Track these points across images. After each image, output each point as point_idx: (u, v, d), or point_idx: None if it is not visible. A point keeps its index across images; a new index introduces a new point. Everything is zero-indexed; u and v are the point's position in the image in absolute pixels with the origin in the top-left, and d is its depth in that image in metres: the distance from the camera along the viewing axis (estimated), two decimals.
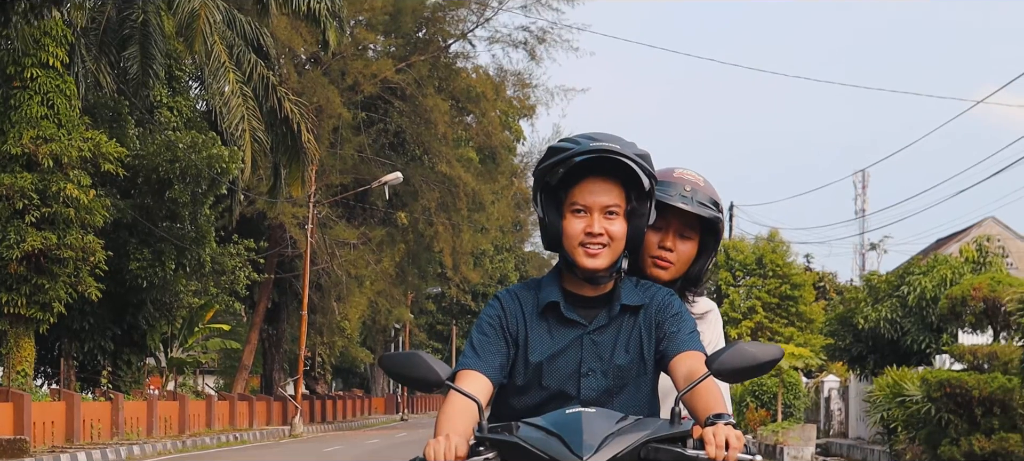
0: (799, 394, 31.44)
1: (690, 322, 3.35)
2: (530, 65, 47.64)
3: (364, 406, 56.64)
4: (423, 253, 47.82)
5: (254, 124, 29.67)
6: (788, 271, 35.97)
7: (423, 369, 3.09)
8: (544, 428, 2.91)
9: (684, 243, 3.73)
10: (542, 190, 3.33)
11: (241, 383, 39.09)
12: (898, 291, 24.46)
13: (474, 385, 3.19)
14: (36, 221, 23.40)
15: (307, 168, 32.51)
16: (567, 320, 3.33)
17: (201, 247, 28.54)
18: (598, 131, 3.31)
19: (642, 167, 3.24)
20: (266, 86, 31.02)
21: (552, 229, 3.32)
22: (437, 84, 42.24)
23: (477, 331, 3.36)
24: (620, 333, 3.34)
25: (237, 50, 31.04)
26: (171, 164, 27.10)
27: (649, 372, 3.36)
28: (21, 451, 19.22)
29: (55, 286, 23.69)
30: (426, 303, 61.76)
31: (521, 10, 42.95)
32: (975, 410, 14.54)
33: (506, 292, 3.44)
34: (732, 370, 3.03)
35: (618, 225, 3.28)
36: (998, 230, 59.92)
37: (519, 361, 3.35)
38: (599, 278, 3.30)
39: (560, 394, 3.30)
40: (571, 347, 3.32)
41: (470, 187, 42.36)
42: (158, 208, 28.01)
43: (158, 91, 29.65)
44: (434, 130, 41.43)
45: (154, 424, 28.04)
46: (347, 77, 39.40)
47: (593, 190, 3.27)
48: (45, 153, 23.52)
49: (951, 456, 14.71)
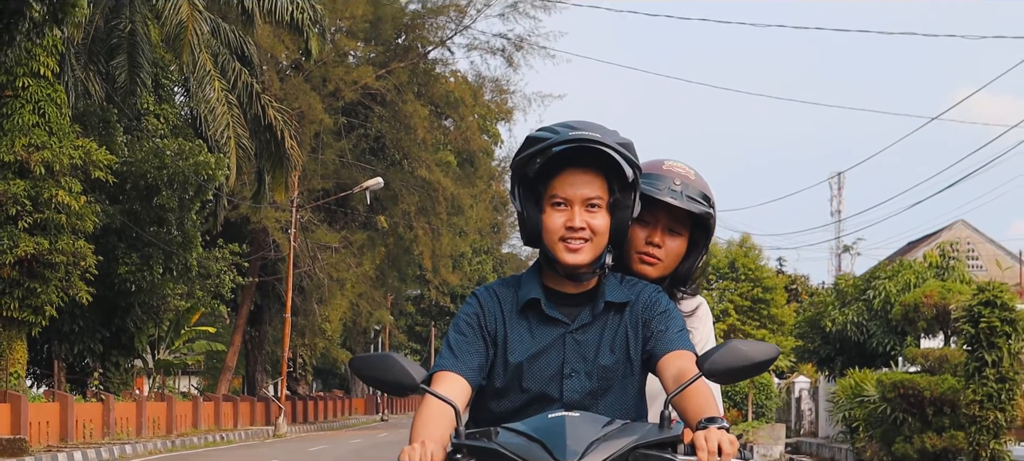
0: (771, 394, 32.32)
1: (679, 320, 3.22)
2: (508, 71, 48.48)
3: (344, 407, 57.34)
4: (403, 256, 48.59)
5: (239, 131, 30.38)
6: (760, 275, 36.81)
7: (397, 372, 2.94)
8: (525, 433, 2.76)
9: (673, 239, 3.58)
10: (520, 182, 3.19)
11: (225, 384, 39.79)
12: (864, 295, 25.36)
13: (451, 388, 3.05)
14: (28, 227, 23.96)
15: (290, 174, 33.24)
16: (549, 318, 3.19)
17: (188, 252, 29.19)
18: (578, 119, 3.18)
19: (625, 157, 3.10)
20: (250, 94, 31.73)
21: (531, 224, 3.18)
22: (416, 90, 43.04)
23: (454, 330, 3.21)
24: (605, 332, 3.20)
25: (222, 58, 31.74)
26: (159, 171, 27.73)
27: (636, 373, 3.22)
28: (21, 450, 19.94)
29: (47, 290, 24.25)
30: (405, 305, 62.52)
31: (499, 18, 43.86)
32: (927, 410, 15.47)
33: (484, 289, 3.30)
34: (725, 370, 2.90)
35: (601, 218, 3.14)
36: (967, 233, 61.20)
37: (498, 362, 3.20)
38: (582, 274, 3.17)
39: (541, 397, 3.16)
40: (553, 347, 3.17)
41: (449, 191, 43.19)
42: (146, 213, 28.62)
43: (145, 99, 30.29)
44: (414, 135, 42.23)
45: (143, 424, 28.75)
46: (328, 84, 40.12)
47: (573, 182, 3.14)
48: (37, 160, 24.08)
49: (905, 453, 15.64)
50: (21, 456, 19.73)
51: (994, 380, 13.16)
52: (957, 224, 60.53)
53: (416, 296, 61.47)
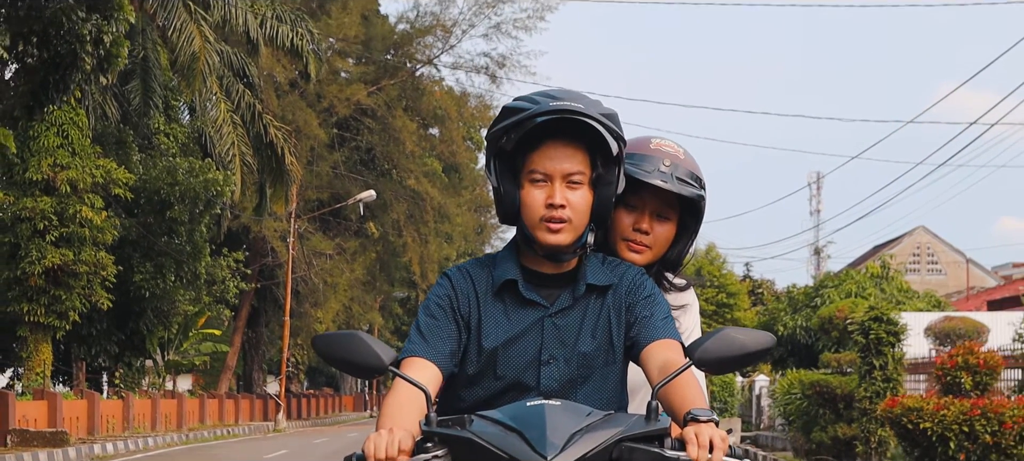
0: (733, 392, 35.02)
1: (664, 306, 3.01)
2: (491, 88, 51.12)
3: (335, 404, 59.95)
4: (392, 260, 51.20)
5: (243, 149, 32.70)
6: (724, 281, 39.60)
7: (363, 353, 2.71)
8: (502, 422, 2.55)
9: (661, 225, 3.34)
10: (496, 156, 2.96)
11: (225, 383, 42.46)
12: (813, 302, 28.05)
13: (420, 374, 2.83)
14: (55, 240, 25.70)
15: (290, 187, 35.72)
16: (526, 301, 2.98)
17: (197, 261, 31.55)
18: (558, 88, 2.98)
19: (610, 128, 2.88)
20: (252, 113, 34.06)
21: (508, 200, 2.96)
22: (405, 105, 45.69)
23: (424, 313, 2.99)
24: (586, 316, 2.98)
25: (226, 81, 34.03)
26: (172, 187, 29.92)
27: (618, 361, 3.01)
28: (62, 441, 22.47)
29: (71, 297, 26.09)
30: (394, 306, 65.12)
31: (483, 38, 46.49)
32: (838, 404, 18.30)
33: (456, 269, 3.07)
34: (717, 359, 2.69)
35: (582, 195, 2.92)
36: (928, 239, 63.94)
37: (471, 347, 2.98)
38: (562, 254, 2.95)
39: (517, 384, 2.96)
40: (530, 331, 2.97)
41: (436, 201, 45.84)
42: (159, 226, 30.74)
43: (156, 119, 32.67)
44: (402, 148, 44.84)
45: (158, 419, 31.35)
46: (323, 100, 42.65)
47: (554, 155, 2.91)
48: (62, 179, 25.77)
49: (821, 440, 18.51)
50: (64, 446, 22.34)
51: (881, 380, 16.10)
52: (918, 230, 63.22)
53: (403, 298, 64.08)
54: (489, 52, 47.47)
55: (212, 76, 31.18)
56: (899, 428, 12.93)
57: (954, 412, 12.31)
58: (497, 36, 45.94)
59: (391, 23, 46.63)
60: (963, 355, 12.96)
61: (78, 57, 19.62)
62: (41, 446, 21.97)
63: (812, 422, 18.77)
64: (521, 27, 45.18)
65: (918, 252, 63.38)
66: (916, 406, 12.66)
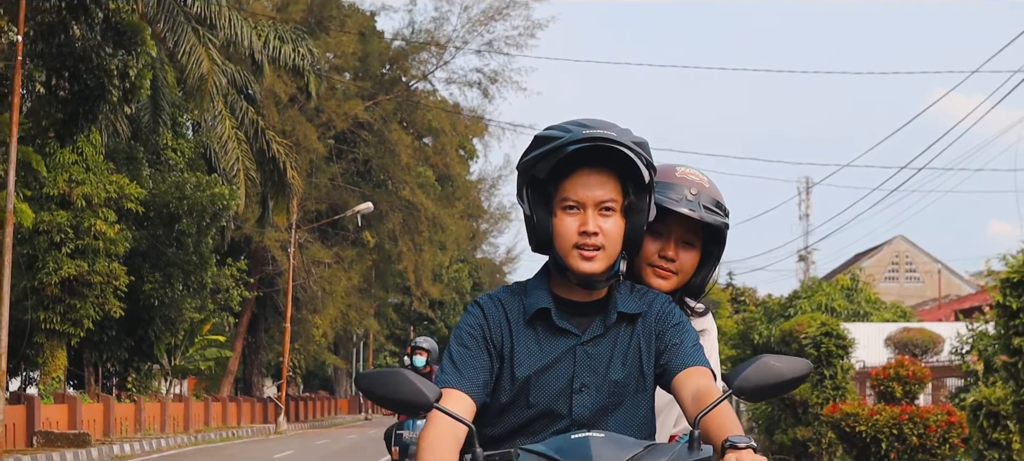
0: None
1: (693, 333, 3.02)
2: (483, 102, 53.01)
3: (331, 407, 61.58)
4: (387, 268, 52.87)
5: (247, 164, 34.22)
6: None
7: (407, 390, 2.75)
8: (547, 456, 2.56)
9: (687, 252, 3.39)
10: (528, 184, 2.99)
11: (227, 387, 44.22)
12: (786, 312, 29.63)
13: (456, 407, 2.84)
14: (71, 252, 26.84)
15: (291, 200, 37.32)
16: (558, 329, 2.98)
17: (203, 271, 32.97)
18: (589, 117, 2.98)
19: (641, 156, 2.91)
20: (256, 129, 35.61)
21: (541, 228, 2.98)
22: (400, 119, 47.45)
23: (457, 342, 3.00)
24: (617, 344, 2.99)
25: (231, 98, 35.57)
26: (180, 201, 31.22)
27: (648, 388, 3.02)
28: (85, 442, 24.11)
29: (85, 305, 27.22)
30: (388, 312, 66.81)
31: (475, 54, 48.26)
32: (797, 409, 20.05)
33: (487, 297, 3.08)
34: (756, 388, 2.70)
35: (615, 222, 2.94)
36: (906, 247, 65.58)
37: (504, 376, 2.99)
38: (596, 282, 2.96)
39: (549, 412, 2.96)
40: (563, 360, 2.96)
41: (430, 211, 47.57)
42: (167, 238, 32.19)
43: (164, 135, 34.18)
44: (398, 160, 46.54)
45: (167, 422, 33.02)
46: (322, 114, 44.30)
47: (586, 183, 2.93)
48: (78, 194, 26.88)
49: (782, 441, 20.34)
50: (87, 447, 24.01)
51: (830, 388, 17.93)
52: (896, 239, 64.79)
53: (397, 304, 65.81)
54: (482, 67, 49.28)
55: (219, 96, 32.75)
56: (839, 430, 14.70)
57: (886, 417, 14.08)
58: (489, 53, 47.72)
59: (387, 40, 48.39)
60: (895, 368, 14.71)
61: (106, 89, 21.28)
62: (66, 446, 23.63)
63: (775, 425, 20.58)
64: (513, 44, 46.91)
65: (896, 261, 65.01)
66: (853, 411, 14.44)
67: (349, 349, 64.92)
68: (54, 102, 23.03)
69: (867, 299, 28.38)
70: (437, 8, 66.34)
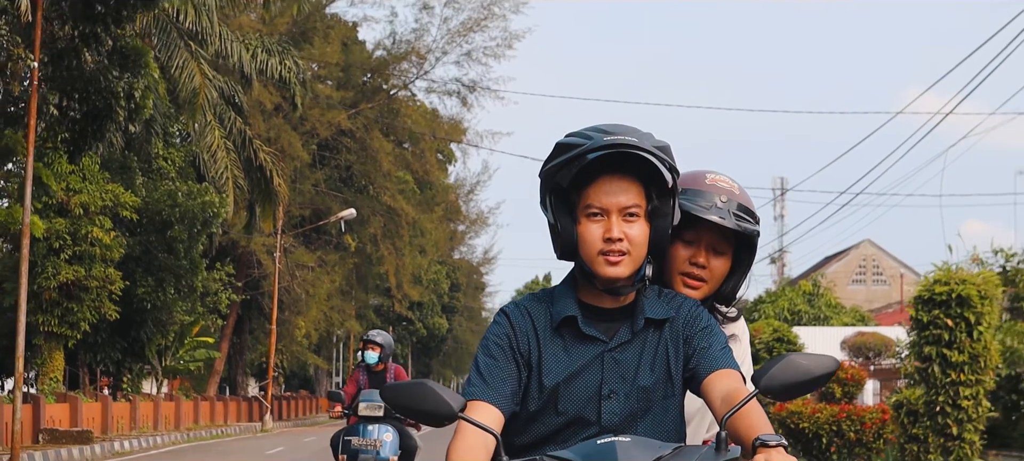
0: None
1: (721, 336, 2.99)
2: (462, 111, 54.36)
3: (312, 405, 63.02)
4: (368, 271, 54.24)
5: (235, 172, 35.57)
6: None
7: (433, 401, 2.76)
8: None
9: (718, 259, 3.31)
10: (552, 192, 2.98)
11: (213, 386, 45.59)
12: (751, 317, 31.11)
13: (484, 418, 2.84)
14: (69, 257, 27.74)
15: (277, 207, 38.73)
16: (586, 336, 2.97)
17: (194, 275, 34.29)
18: (610, 123, 2.96)
19: (663, 161, 2.91)
20: (243, 139, 36.94)
21: (565, 236, 2.96)
22: (382, 127, 48.88)
23: (483, 353, 2.98)
24: (645, 350, 2.97)
25: (219, 109, 36.90)
26: (172, 208, 32.24)
27: (676, 393, 2.99)
28: (88, 439, 25.40)
29: (82, 309, 28.17)
30: (369, 313, 68.26)
31: (455, 64, 49.75)
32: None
33: (514, 306, 3.05)
34: (783, 386, 2.68)
35: (639, 227, 2.93)
36: (873, 251, 67.17)
37: (532, 385, 2.97)
38: (622, 288, 2.95)
39: (578, 420, 2.95)
40: (591, 366, 2.95)
41: (411, 216, 49.00)
42: (160, 244, 33.32)
43: (156, 145, 35.41)
44: (379, 167, 47.93)
45: (159, 420, 34.37)
46: (306, 123, 45.67)
47: (610, 190, 2.92)
48: (76, 203, 27.83)
49: None
50: (91, 444, 25.37)
51: None
52: (864, 243, 66.29)
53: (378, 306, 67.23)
54: (461, 77, 50.72)
55: (210, 108, 34.07)
56: (785, 427, 16.23)
57: (826, 415, 15.64)
58: (468, 63, 49.14)
59: (369, 50, 49.78)
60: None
61: (113, 109, 22.68)
62: (70, 443, 24.99)
63: None
64: (491, 54, 48.35)
65: (864, 264, 66.58)
66: (797, 410, 15.99)
67: (330, 350, 66.39)
68: (65, 122, 24.41)
69: (828, 303, 29.85)
70: (417, 19, 67.77)
